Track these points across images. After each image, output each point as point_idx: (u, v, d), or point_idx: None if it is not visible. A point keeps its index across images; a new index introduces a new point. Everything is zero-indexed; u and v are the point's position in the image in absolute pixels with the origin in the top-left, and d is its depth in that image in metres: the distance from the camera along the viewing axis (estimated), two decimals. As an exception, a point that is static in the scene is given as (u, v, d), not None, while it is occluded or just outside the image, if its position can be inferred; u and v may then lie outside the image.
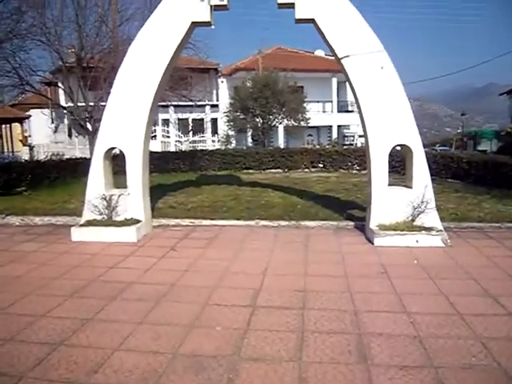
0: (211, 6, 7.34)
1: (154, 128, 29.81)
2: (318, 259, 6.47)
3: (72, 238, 7.60)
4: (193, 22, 7.46)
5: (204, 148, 21.06)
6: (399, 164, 12.65)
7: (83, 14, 12.92)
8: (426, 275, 5.73)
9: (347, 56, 7.30)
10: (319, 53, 36.95)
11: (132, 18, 13.20)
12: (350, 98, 37.79)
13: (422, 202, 7.45)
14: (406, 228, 7.30)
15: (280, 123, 24.07)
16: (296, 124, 24.50)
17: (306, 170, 17.85)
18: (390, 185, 7.70)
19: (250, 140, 29.69)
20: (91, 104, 13.41)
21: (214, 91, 33.27)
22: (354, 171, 17.62)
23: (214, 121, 32.90)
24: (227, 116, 24.74)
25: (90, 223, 7.83)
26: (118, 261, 6.46)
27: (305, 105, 24.69)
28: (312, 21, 7.34)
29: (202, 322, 4.42)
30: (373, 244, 7.15)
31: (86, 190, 8.14)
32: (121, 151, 8.05)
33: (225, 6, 7.40)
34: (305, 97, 25.08)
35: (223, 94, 32.22)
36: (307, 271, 5.93)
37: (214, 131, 32.75)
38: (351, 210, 9.62)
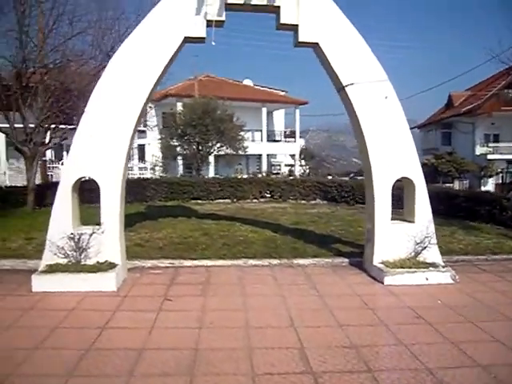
0: (207, 21, 6.60)
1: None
2: (339, 305, 5.83)
3: (33, 289, 6.14)
4: (185, 37, 6.63)
5: (146, 177, 19.60)
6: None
7: (25, 22, 11.18)
8: (463, 318, 5.39)
9: (351, 84, 6.95)
10: (248, 82, 37.28)
11: (85, 32, 11.78)
12: (277, 127, 38.56)
13: (426, 237, 7.22)
14: (412, 265, 6.98)
15: (218, 151, 23.41)
16: (234, 153, 24.01)
17: (255, 200, 17.30)
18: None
19: (181, 168, 28.55)
20: (31, 125, 11.57)
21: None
22: (303, 202, 17.43)
23: (141, 147, 31.32)
24: (162, 143, 23.49)
25: (53, 269, 6.42)
26: (107, 318, 5.23)
27: (242, 133, 24.38)
28: (315, 45, 6.92)
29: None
30: (382, 283, 6.70)
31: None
32: (92, 181, 6.82)
33: (222, 21, 6.70)
34: (243, 125, 24.78)
35: (151, 119, 30.87)
36: (339, 321, 5.26)
37: (141, 158, 31.16)
38: (334, 244, 9.20)
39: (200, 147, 21.98)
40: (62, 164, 25.76)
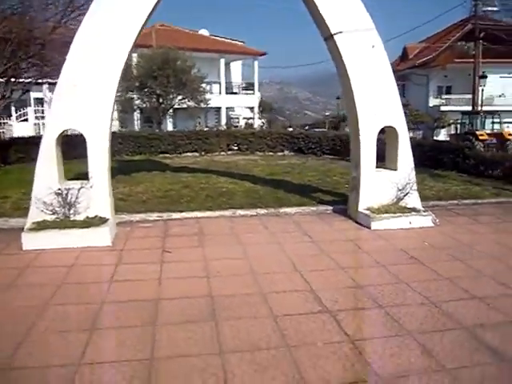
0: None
1: (23, 110, 25.81)
2: (335, 250, 6.06)
3: (23, 247, 5.92)
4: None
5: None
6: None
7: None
8: (451, 257, 5.79)
9: (340, 32, 6.89)
10: (204, 32, 35.86)
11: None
12: (234, 79, 37.73)
13: (407, 184, 7.54)
14: (396, 210, 7.31)
15: (180, 104, 22.69)
16: (196, 105, 23.37)
17: (223, 152, 17.15)
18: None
19: (138, 122, 27.52)
20: None
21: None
22: (271, 153, 17.49)
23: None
24: (119, 96, 22.39)
25: (43, 226, 6.19)
26: (110, 272, 5.17)
27: (203, 85, 23.70)
28: (304, -9, 6.74)
29: (295, 339, 3.70)
30: (369, 228, 7.01)
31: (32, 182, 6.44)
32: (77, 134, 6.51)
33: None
34: (204, 77, 24.01)
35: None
36: (339, 264, 5.49)
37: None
38: (314, 193, 9.41)
39: (161, 100, 21.22)
40: (10, 120, 24.20)
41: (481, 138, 19.74)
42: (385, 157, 7.94)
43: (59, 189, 6.33)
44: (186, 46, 25.49)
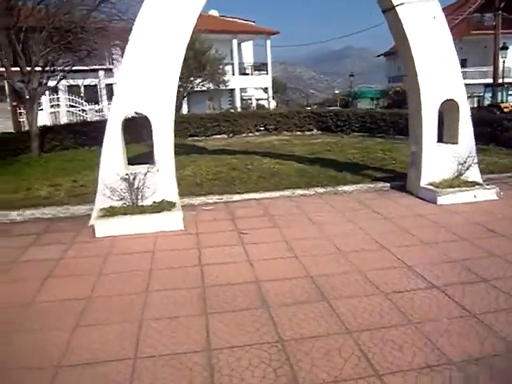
0: None
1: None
2: (411, 225, 6.00)
3: (96, 234, 5.89)
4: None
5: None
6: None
7: None
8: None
9: (402, 4, 6.67)
10: (214, 13, 35.20)
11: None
12: (246, 60, 37.21)
13: (469, 157, 7.40)
14: (460, 184, 7.20)
15: (201, 87, 22.43)
16: (216, 87, 23.13)
17: (250, 133, 16.97)
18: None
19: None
20: (28, 67, 10.39)
21: (106, 53, 29.61)
22: (298, 133, 17.29)
23: (109, 87, 29.54)
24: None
25: (112, 212, 6.14)
26: (196, 256, 5.13)
27: (220, 66, 23.40)
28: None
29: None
30: (435, 203, 6.91)
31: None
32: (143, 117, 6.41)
33: None
34: (223, 58, 23.65)
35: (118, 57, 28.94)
36: (423, 240, 5.44)
37: (110, 98, 29.51)
38: (364, 170, 9.28)
39: (180, 83, 20.94)
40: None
41: (505, 110, 19.41)
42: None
43: (126, 174, 6.26)
44: (201, 27, 25.02)
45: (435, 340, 3.29)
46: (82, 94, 26.63)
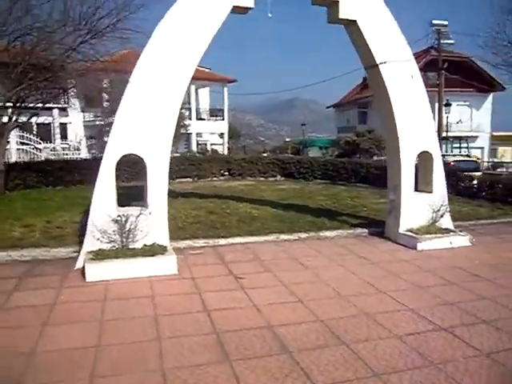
0: (254, -8, 6.41)
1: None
2: (399, 271, 6.26)
3: (87, 278, 5.62)
4: (234, 7, 6.36)
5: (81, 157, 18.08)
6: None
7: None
8: (509, 273, 6.12)
9: (384, 62, 7.26)
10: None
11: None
12: (202, 105, 37.86)
13: (442, 206, 7.91)
14: (437, 231, 7.63)
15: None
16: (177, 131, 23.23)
17: (215, 178, 17.07)
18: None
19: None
20: None
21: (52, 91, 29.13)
22: (262, 179, 17.62)
23: (63, 126, 28.97)
24: (101, 120, 21.86)
25: (102, 255, 5.91)
26: (199, 301, 5.03)
27: (182, 111, 23.66)
28: (352, 22, 7.06)
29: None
30: (415, 249, 7.26)
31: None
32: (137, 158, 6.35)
33: (267, -6, 6.54)
34: (183, 103, 23.89)
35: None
36: (416, 283, 5.69)
37: (64, 137, 28.89)
38: (339, 216, 9.59)
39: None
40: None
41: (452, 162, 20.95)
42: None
43: (119, 215, 6.11)
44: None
45: (460, 379, 3.42)
46: (34, 132, 25.79)
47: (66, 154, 25.96)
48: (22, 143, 21.83)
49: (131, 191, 8.55)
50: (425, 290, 5.47)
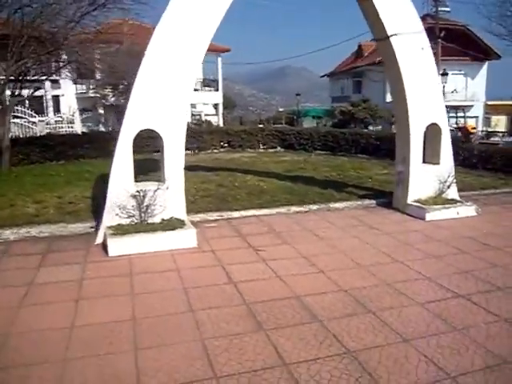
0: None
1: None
2: (411, 240, 6.48)
3: (109, 253, 5.73)
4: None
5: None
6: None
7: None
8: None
9: (395, 34, 7.23)
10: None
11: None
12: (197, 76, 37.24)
13: (449, 177, 8.07)
14: (444, 201, 7.81)
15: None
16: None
17: (215, 150, 17.04)
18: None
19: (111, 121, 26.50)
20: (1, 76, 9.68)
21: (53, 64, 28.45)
22: (262, 150, 17.65)
23: (56, 98, 28.44)
24: (96, 92, 21.46)
25: (123, 230, 6.01)
26: (224, 273, 5.19)
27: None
28: (365, -5, 6.99)
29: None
30: (423, 219, 7.44)
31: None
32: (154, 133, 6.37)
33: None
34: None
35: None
36: (429, 253, 5.90)
37: (57, 110, 28.43)
38: (346, 188, 9.73)
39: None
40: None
41: (472, 130, 21.06)
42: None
43: (137, 191, 6.17)
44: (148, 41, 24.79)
45: (483, 343, 3.64)
46: (27, 106, 25.33)
47: (61, 128, 25.63)
48: (16, 117, 21.45)
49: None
50: (439, 259, 5.67)
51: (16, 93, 10.86)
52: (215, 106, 36.02)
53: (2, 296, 4.59)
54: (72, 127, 26.66)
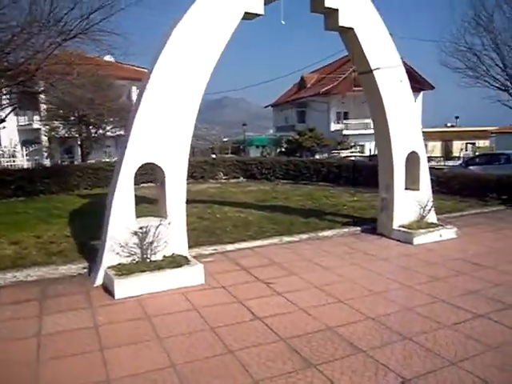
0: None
1: None
2: (410, 264, 6.70)
3: (116, 295, 5.41)
4: (245, 13, 6.40)
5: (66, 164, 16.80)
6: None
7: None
8: (502, 259, 6.79)
9: (378, 68, 7.66)
10: (110, 59, 34.41)
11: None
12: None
13: (428, 202, 8.51)
14: (427, 226, 8.20)
15: (114, 133, 21.51)
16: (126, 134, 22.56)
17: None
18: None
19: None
20: None
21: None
22: (223, 180, 17.63)
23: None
24: (47, 125, 20.46)
25: (125, 270, 5.69)
26: (243, 310, 5.06)
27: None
28: (349, 30, 7.38)
29: None
30: (411, 244, 7.75)
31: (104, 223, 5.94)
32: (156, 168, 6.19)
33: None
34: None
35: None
36: (433, 276, 6.12)
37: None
38: (326, 216, 9.94)
39: (93, 129, 19.94)
40: None
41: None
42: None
43: (141, 227, 5.93)
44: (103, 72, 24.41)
45: None
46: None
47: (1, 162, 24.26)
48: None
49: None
50: (443, 281, 5.91)
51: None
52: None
53: (13, 350, 4.17)
54: (14, 161, 25.33)
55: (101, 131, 20.16)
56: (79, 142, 20.72)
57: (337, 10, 7.14)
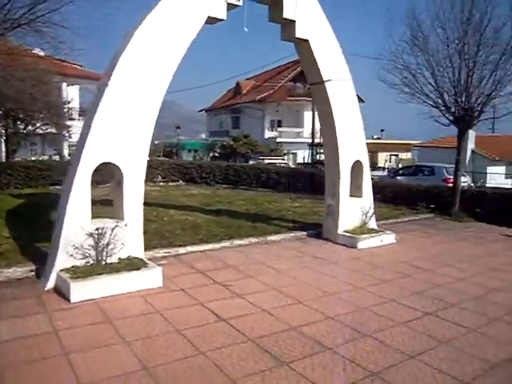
0: (227, 4, 6.59)
1: None
2: (358, 267, 7.09)
3: (72, 299, 5.16)
4: (209, 17, 6.43)
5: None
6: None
7: None
8: (444, 262, 7.48)
9: (330, 80, 8.05)
10: (40, 52, 32.38)
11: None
12: (72, 104, 35.02)
13: (370, 208, 9.05)
14: (369, 231, 8.72)
15: (44, 130, 20.14)
16: (57, 132, 21.24)
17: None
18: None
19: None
20: None
21: None
22: (162, 184, 17.30)
23: None
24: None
25: (80, 273, 5.45)
26: (206, 313, 5.08)
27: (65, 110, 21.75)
28: (305, 41, 7.68)
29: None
30: (355, 248, 8.20)
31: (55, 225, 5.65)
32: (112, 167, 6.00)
33: (237, 5, 6.77)
34: (69, 101, 22.02)
35: None
36: (379, 278, 6.54)
37: None
38: (273, 221, 10.16)
39: (22, 125, 18.55)
40: None
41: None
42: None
43: (97, 228, 5.71)
44: (25, 66, 22.96)
45: (470, 351, 4.23)
46: None
47: None
48: None
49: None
50: (390, 282, 6.34)
51: None
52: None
53: (-35, 360, 3.85)
54: None
55: (30, 128, 18.85)
56: (4, 138, 19.19)
57: (294, 21, 7.41)
